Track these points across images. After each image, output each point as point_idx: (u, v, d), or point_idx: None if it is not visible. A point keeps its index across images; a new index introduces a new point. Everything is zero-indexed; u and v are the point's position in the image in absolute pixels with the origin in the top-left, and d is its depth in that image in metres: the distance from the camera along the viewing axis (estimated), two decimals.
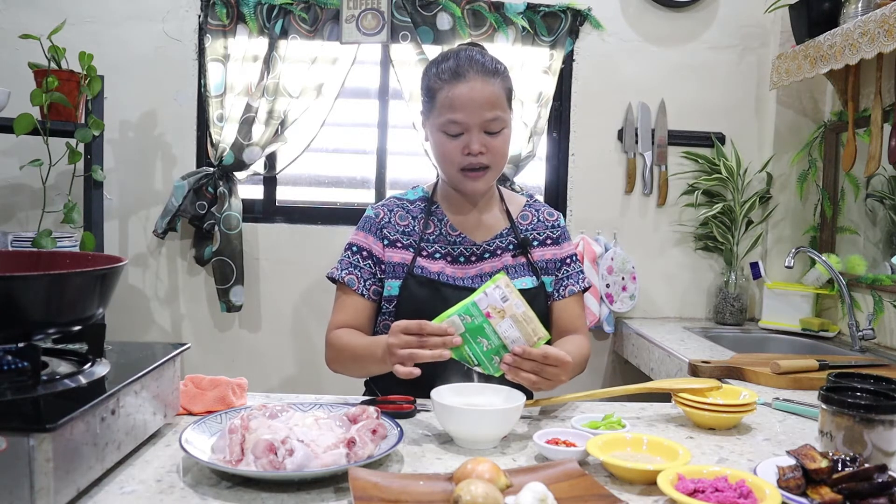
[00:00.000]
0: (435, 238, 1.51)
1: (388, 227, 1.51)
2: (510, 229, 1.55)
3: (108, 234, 2.49)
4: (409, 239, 1.50)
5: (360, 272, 1.49)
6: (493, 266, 1.50)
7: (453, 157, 1.43)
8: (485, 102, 1.40)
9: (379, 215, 1.53)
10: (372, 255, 1.50)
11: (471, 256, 1.51)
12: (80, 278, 0.97)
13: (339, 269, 1.51)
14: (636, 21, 2.72)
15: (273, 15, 2.51)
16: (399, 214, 1.53)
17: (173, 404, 1.17)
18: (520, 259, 1.52)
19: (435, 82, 1.44)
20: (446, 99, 1.41)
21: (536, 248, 1.55)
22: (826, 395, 1.08)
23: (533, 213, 1.60)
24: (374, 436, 1.05)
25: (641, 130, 2.73)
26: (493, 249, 1.52)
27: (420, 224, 1.52)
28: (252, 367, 2.64)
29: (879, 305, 2.26)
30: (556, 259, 1.57)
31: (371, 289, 1.49)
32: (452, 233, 1.52)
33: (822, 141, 2.63)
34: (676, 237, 2.79)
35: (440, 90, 1.43)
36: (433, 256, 1.49)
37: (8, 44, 2.40)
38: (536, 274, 1.52)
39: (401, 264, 1.48)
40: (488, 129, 1.42)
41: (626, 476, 1.01)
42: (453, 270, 1.49)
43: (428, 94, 1.47)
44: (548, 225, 1.59)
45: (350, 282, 1.48)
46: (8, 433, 0.79)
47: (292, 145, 2.60)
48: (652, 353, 2.29)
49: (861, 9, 2.09)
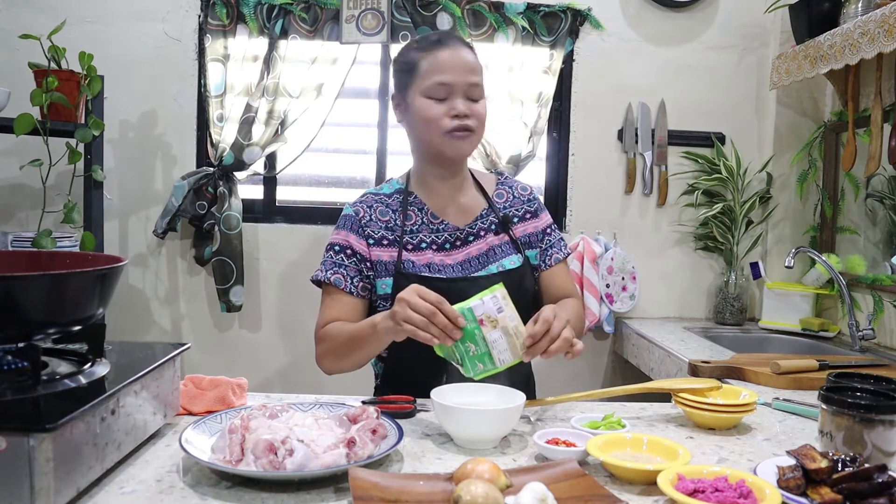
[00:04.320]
0: (418, 228, 1.50)
1: (370, 224, 1.50)
2: (489, 209, 1.56)
3: (108, 234, 2.49)
4: (393, 234, 1.49)
5: (346, 270, 1.48)
6: (479, 249, 1.51)
7: (440, 121, 1.43)
8: (467, 67, 1.44)
9: (359, 213, 1.51)
10: (356, 253, 1.48)
11: (456, 241, 1.51)
12: (80, 278, 0.97)
13: (322, 270, 1.50)
14: (636, 21, 2.72)
15: (273, 15, 2.51)
16: (379, 210, 1.52)
17: (173, 404, 1.17)
18: (503, 237, 1.54)
19: (415, 54, 1.46)
20: (431, 64, 1.43)
21: (517, 224, 1.56)
22: (826, 395, 1.08)
23: (507, 191, 1.60)
24: (374, 436, 1.05)
25: (641, 130, 2.73)
26: (476, 231, 1.53)
27: (400, 217, 1.51)
28: (252, 367, 2.64)
29: (879, 305, 2.26)
30: (538, 231, 1.58)
31: (359, 286, 1.48)
32: (434, 220, 1.51)
33: (822, 141, 2.63)
34: (676, 237, 2.79)
35: (423, 59, 1.45)
36: (419, 248, 1.49)
37: (8, 44, 2.40)
38: (520, 250, 1.53)
39: (390, 262, 1.48)
40: (471, 95, 1.44)
41: (626, 476, 1.01)
42: (441, 258, 1.49)
43: (406, 68, 1.48)
44: (523, 200, 1.60)
45: (336, 281, 1.47)
46: (8, 433, 0.79)
47: (292, 145, 2.60)
48: (652, 353, 2.29)
49: (861, 9, 2.09)
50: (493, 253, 1.51)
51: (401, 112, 1.53)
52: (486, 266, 1.49)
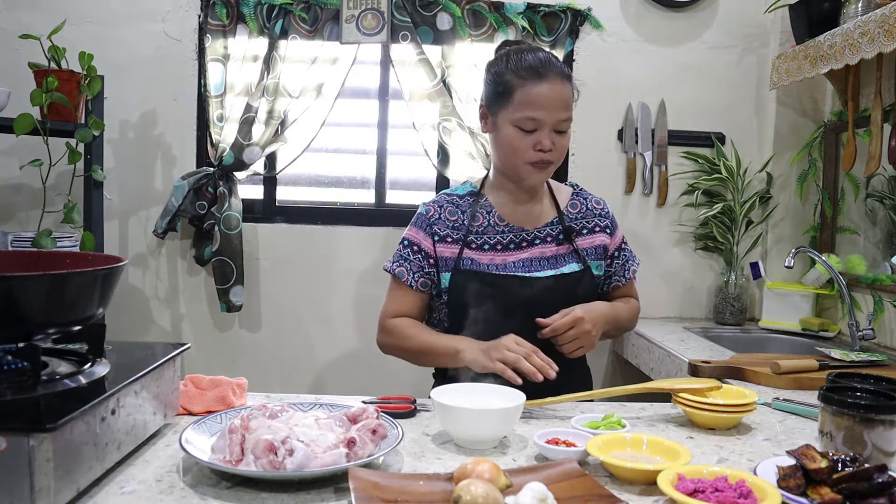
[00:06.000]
0: (483, 230, 1.58)
1: (438, 223, 1.58)
2: (558, 219, 1.62)
3: (108, 234, 2.49)
4: (457, 233, 1.57)
5: (410, 265, 1.57)
6: (541, 252, 1.57)
7: (524, 152, 1.49)
8: (560, 103, 1.48)
9: (430, 212, 1.60)
10: (421, 250, 1.57)
11: (521, 242, 1.58)
12: (80, 278, 0.97)
13: (391, 261, 1.61)
14: (636, 21, 2.72)
15: (273, 15, 2.51)
16: (449, 210, 1.60)
17: (173, 404, 1.17)
18: (567, 247, 1.60)
19: (512, 79, 1.49)
20: (526, 96, 1.47)
21: (586, 235, 1.63)
22: (826, 395, 1.08)
23: (581, 202, 1.67)
24: (374, 436, 1.05)
25: (641, 130, 2.73)
26: (542, 236, 1.59)
27: (468, 217, 1.58)
28: (252, 367, 2.64)
29: (879, 305, 2.26)
30: (609, 246, 1.66)
31: (419, 281, 1.57)
32: (500, 223, 1.59)
33: (822, 141, 2.63)
34: (676, 237, 2.79)
35: (519, 87, 1.48)
36: (482, 248, 1.57)
37: (8, 44, 2.40)
38: (582, 260, 1.60)
39: (451, 258, 1.55)
40: (558, 129, 1.50)
41: (626, 476, 1.01)
42: (503, 258, 1.56)
43: (502, 88, 1.51)
44: (596, 213, 1.66)
45: (400, 274, 1.58)
46: (8, 433, 0.79)
47: (292, 145, 2.60)
48: (652, 353, 2.29)
49: (861, 9, 2.09)
50: (553, 259, 1.57)
51: (487, 124, 1.58)
52: (543, 269, 1.56)
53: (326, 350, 2.70)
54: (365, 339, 2.65)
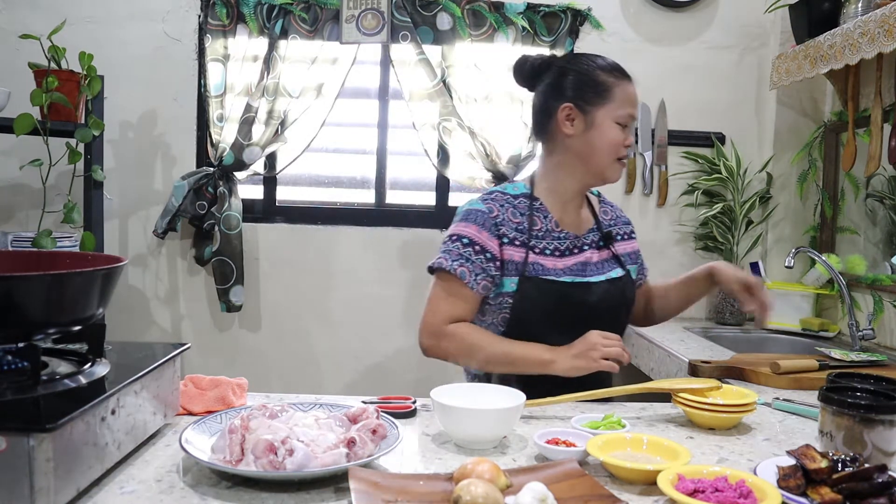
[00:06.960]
0: (543, 234, 1.54)
1: (504, 224, 1.50)
2: (596, 226, 1.63)
3: (108, 234, 2.49)
4: (522, 236, 1.51)
5: (472, 266, 1.46)
6: (587, 258, 1.57)
7: (618, 148, 1.52)
8: None
9: (492, 211, 1.50)
10: (485, 251, 1.47)
11: (573, 248, 1.57)
12: (80, 278, 0.97)
13: (447, 259, 1.47)
14: (636, 21, 2.72)
15: (273, 15, 2.51)
16: (511, 211, 1.52)
17: (173, 404, 1.17)
18: (606, 252, 1.61)
19: (608, 79, 1.53)
20: (625, 95, 1.52)
21: (620, 241, 1.66)
22: (826, 395, 1.08)
23: (610, 210, 1.71)
24: (374, 436, 1.05)
25: (641, 130, 2.73)
26: (588, 242, 1.60)
27: (528, 220, 1.53)
28: (252, 367, 2.64)
29: (879, 305, 2.26)
30: (635, 252, 1.71)
31: (481, 284, 1.47)
32: (556, 228, 1.56)
33: (822, 141, 2.63)
34: (676, 237, 2.79)
35: (616, 87, 1.52)
36: (544, 253, 1.52)
37: (8, 44, 2.40)
38: (622, 265, 1.62)
39: (518, 262, 1.48)
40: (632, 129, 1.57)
41: (626, 476, 1.01)
42: (563, 264, 1.54)
43: (600, 87, 1.52)
44: (623, 221, 1.72)
45: (462, 274, 1.45)
46: (8, 433, 0.79)
47: (292, 145, 2.60)
48: (652, 353, 2.29)
49: (861, 9, 2.09)
50: (600, 265, 1.58)
51: (574, 124, 1.52)
52: (595, 274, 1.56)
53: (326, 350, 2.70)
54: (365, 339, 2.65)
